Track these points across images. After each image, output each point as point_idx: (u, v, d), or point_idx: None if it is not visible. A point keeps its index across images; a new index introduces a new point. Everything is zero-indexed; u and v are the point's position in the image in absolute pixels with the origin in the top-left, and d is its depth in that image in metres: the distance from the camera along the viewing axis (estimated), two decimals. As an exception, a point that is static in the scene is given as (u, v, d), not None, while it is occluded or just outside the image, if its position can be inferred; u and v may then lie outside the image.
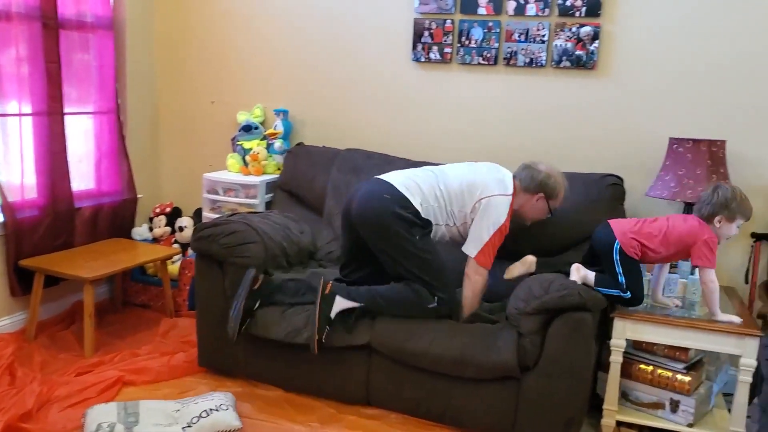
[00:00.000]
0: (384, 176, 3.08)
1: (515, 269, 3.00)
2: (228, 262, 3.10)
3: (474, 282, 2.96)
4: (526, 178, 3.03)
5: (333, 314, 2.88)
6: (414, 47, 3.75)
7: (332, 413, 2.98)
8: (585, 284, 2.74)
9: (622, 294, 2.75)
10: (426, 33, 3.71)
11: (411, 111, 3.82)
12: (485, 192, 2.97)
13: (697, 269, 2.79)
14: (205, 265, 3.18)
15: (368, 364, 2.96)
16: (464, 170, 3.09)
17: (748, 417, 2.72)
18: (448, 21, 3.66)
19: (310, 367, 3.03)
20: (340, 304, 2.89)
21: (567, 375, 2.68)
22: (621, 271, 2.75)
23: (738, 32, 3.19)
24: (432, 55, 3.72)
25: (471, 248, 2.97)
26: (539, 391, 2.71)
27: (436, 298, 2.88)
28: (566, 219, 3.16)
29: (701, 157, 3.02)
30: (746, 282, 3.21)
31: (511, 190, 2.99)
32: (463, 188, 3.00)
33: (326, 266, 3.47)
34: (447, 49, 3.69)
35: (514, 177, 3.05)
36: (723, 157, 3.06)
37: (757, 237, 3.19)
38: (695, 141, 3.04)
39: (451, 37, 3.67)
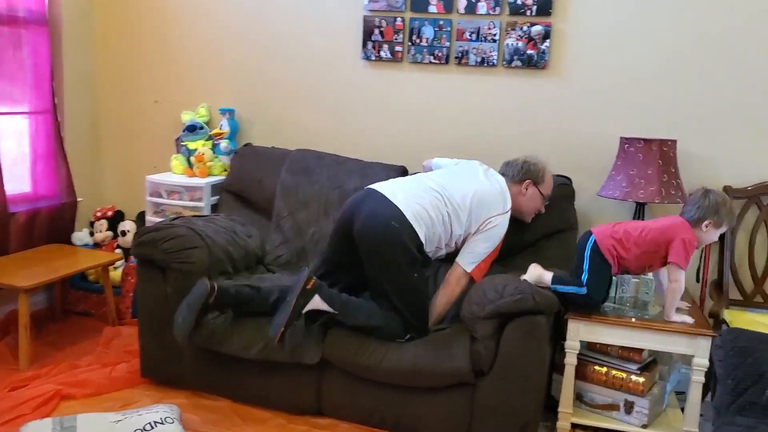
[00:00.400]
0: (389, 193, 2.90)
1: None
2: (170, 268, 2.96)
3: (452, 292, 2.91)
4: (509, 172, 3.04)
5: (305, 310, 2.75)
6: (364, 45, 3.67)
7: (282, 423, 2.88)
8: (540, 285, 2.70)
9: (578, 291, 2.70)
10: (376, 31, 3.63)
11: (362, 110, 3.74)
12: (492, 212, 2.92)
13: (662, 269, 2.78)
14: (146, 271, 3.04)
15: (320, 374, 2.86)
16: (466, 183, 2.98)
17: (701, 416, 2.72)
18: (399, 19, 3.59)
19: (259, 377, 2.92)
20: (316, 303, 2.76)
21: (522, 378, 2.64)
22: (588, 267, 2.70)
23: (686, 32, 3.20)
24: (383, 54, 3.64)
25: (467, 262, 2.91)
26: (494, 396, 2.66)
27: (408, 335, 2.80)
28: (517, 222, 3.11)
29: (652, 157, 3.01)
30: (697, 281, 3.22)
31: (507, 203, 2.96)
32: (472, 209, 2.91)
33: (275, 271, 3.37)
34: (398, 48, 3.62)
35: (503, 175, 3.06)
36: (674, 156, 3.06)
37: (707, 236, 3.20)
38: (646, 141, 3.04)
39: (401, 36, 3.60)
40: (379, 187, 2.96)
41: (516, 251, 3.14)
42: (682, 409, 2.99)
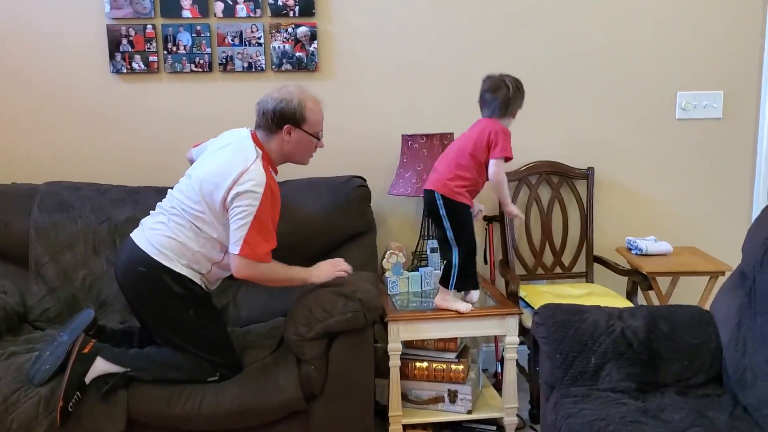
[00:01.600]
0: (137, 234, 2.55)
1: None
2: None
3: (251, 277, 2.49)
4: (261, 120, 2.56)
5: (88, 379, 2.37)
6: (112, 57, 3.26)
7: (91, 505, 2.46)
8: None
9: (456, 259, 2.68)
10: (124, 41, 3.25)
11: (119, 129, 3.33)
12: (227, 183, 2.40)
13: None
14: None
15: (127, 437, 2.49)
16: (199, 172, 2.52)
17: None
18: (149, 26, 3.25)
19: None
20: (101, 367, 2.39)
21: (353, 393, 2.56)
22: (449, 225, 2.67)
23: (449, 27, 3.34)
24: (135, 65, 3.27)
25: (232, 244, 2.42)
26: (329, 416, 2.54)
27: (218, 374, 2.51)
28: (318, 225, 3.02)
29: (435, 151, 3.09)
30: (485, 263, 3.41)
31: (254, 153, 2.48)
32: (205, 200, 2.45)
33: (44, 328, 2.87)
34: (152, 58, 3.27)
35: (254, 130, 2.59)
36: (454, 148, 3.18)
37: (489, 220, 3.40)
38: (427, 136, 3.11)
39: (155, 44, 3.27)
40: (136, 230, 2.61)
41: (319, 256, 3.02)
42: (494, 386, 3.16)
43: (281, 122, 2.52)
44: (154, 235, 2.51)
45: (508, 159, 2.67)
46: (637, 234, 3.37)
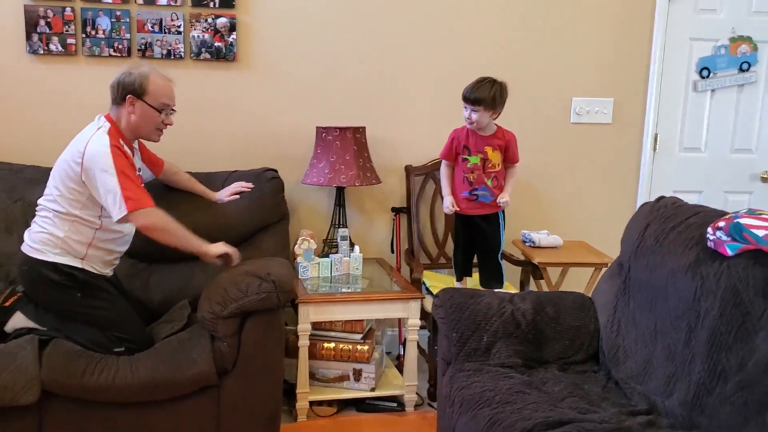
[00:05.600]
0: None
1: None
2: None
3: (160, 226, 2.57)
4: (111, 95, 2.65)
5: (9, 329, 2.60)
6: (29, 38, 3.25)
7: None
8: None
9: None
10: (42, 22, 3.24)
11: (35, 109, 3.32)
12: (74, 161, 2.52)
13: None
14: None
15: (39, 411, 2.51)
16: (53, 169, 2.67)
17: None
18: (68, 9, 3.26)
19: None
20: (20, 320, 2.57)
21: (264, 370, 2.68)
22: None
23: (365, 24, 3.50)
24: (53, 47, 3.27)
25: (116, 210, 2.49)
26: (239, 392, 2.65)
27: (123, 346, 2.61)
28: (234, 217, 3.11)
29: (348, 143, 3.25)
30: (392, 251, 3.60)
31: (95, 127, 2.60)
32: (61, 185, 2.58)
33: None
34: (71, 40, 3.28)
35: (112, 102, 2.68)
36: (365, 142, 3.35)
37: (396, 211, 3.59)
38: (341, 129, 3.27)
39: (73, 27, 3.28)
40: None
41: (235, 245, 3.13)
42: (397, 367, 3.36)
43: (124, 93, 2.62)
44: (28, 235, 2.67)
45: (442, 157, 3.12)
46: (532, 228, 3.63)
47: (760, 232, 2.06)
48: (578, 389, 2.31)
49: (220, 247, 2.70)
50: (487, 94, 2.91)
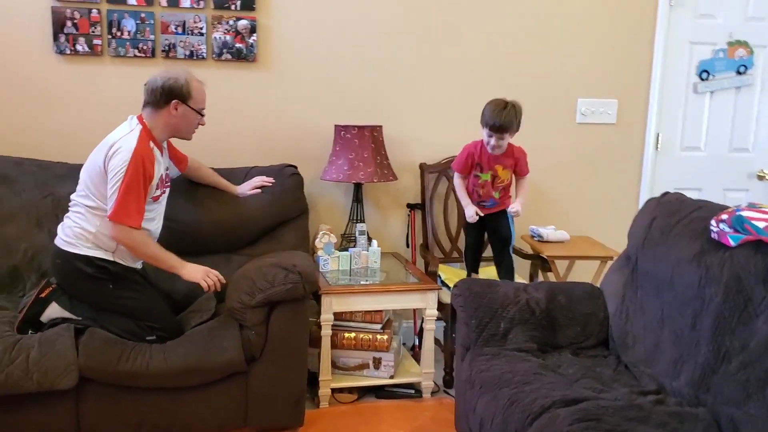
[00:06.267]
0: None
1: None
2: None
3: (132, 243, 2.69)
4: (149, 97, 2.79)
5: (45, 319, 2.72)
6: (56, 38, 3.37)
7: (40, 458, 2.62)
8: None
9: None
10: (69, 23, 3.37)
11: (62, 107, 3.44)
12: (100, 156, 2.69)
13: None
14: None
15: (77, 395, 2.64)
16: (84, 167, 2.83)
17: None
18: (95, 10, 3.38)
19: (2, 414, 2.59)
20: (55, 311, 2.72)
21: (290, 358, 2.81)
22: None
23: (381, 26, 3.64)
24: (79, 47, 3.40)
25: (108, 210, 2.66)
26: (267, 379, 2.79)
27: (155, 335, 2.74)
28: (256, 212, 3.25)
29: (366, 141, 3.39)
30: (407, 246, 3.74)
31: (128, 128, 2.74)
32: (90, 182, 2.72)
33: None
34: (96, 41, 3.41)
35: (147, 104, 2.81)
36: (382, 140, 3.49)
37: (411, 207, 3.73)
38: (359, 127, 3.40)
39: (99, 28, 3.41)
40: None
41: (256, 239, 3.28)
42: (413, 356, 3.50)
43: (169, 97, 2.77)
44: (62, 229, 2.81)
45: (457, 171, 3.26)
46: (540, 223, 3.78)
47: (761, 224, 2.22)
48: (591, 371, 2.45)
49: (196, 272, 2.76)
50: (513, 121, 3.02)
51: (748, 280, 2.19)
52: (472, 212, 3.15)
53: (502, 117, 3.00)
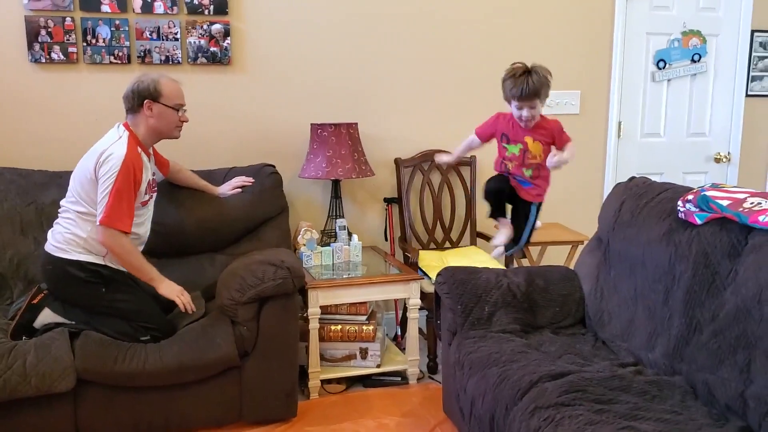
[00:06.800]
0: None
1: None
2: None
3: (112, 251, 2.76)
4: (126, 104, 2.87)
5: (38, 324, 2.78)
6: (30, 47, 3.39)
7: (39, 462, 2.66)
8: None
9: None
10: (43, 31, 3.39)
11: (39, 116, 3.46)
12: (91, 164, 2.74)
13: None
14: None
15: (74, 397, 2.69)
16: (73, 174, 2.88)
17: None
18: (68, 19, 3.41)
19: (1, 419, 2.63)
20: (48, 316, 2.77)
21: (281, 351, 2.90)
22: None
23: (353, 27, 3.74)
24: (54, 56, 3.42)
25: (98, 215, 2.72)
26: (260, 372, 2.88)
27: (149, 335, 2.80)
28: (237, 211, 3.32)
29: (343, 139, 3.48)
30: (386, 239, 3.85)
31: (116, 135, 2.81)
32: (81, 189, 2.78)
33: None
34: (72, 49, 3.43)
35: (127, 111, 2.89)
36: (358, 137, 3.58)
37: (388, 201, 3.84)
38: (335, 125, 3.49)
39: (74, 36, 3.43)
40: None
41: (238, 238, 3.36)
42: (396, 344, 3.61)
43: (141, 99, 2.83)
44: (52, 236, 2.86)
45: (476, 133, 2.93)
46: (513, 212, 3.92)
47: (724, 202, 2.38)
48: (571, 348, 2.59)
49: (171, 290, 2.84)
50: (543, 82, 2.68)
51: (714, 256, 2.35)
52: (445, 158, 3.05)
53: (529, 81, 2.66)
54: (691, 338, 2.34)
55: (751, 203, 2.31)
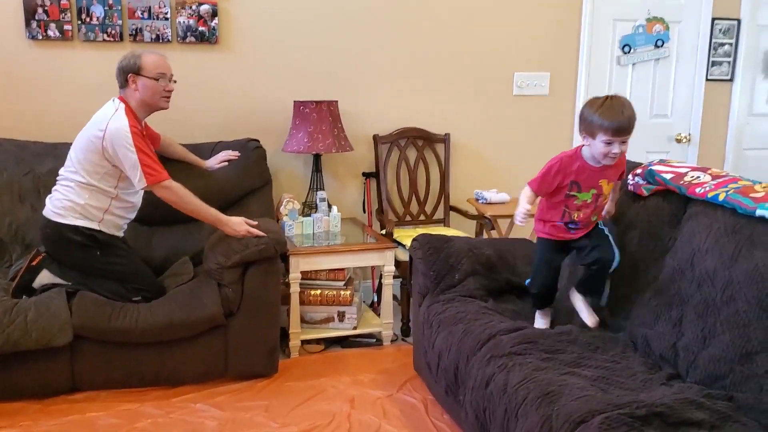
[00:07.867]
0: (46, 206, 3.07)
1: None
2: None
3: (175, 196, 2.99)
4: (118, 83, 3.06)
5: (36, 285, 2.99)
6: (28, 24, 3.56)
7: (39, 408, 2.88)
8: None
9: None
10: (40, 10, 3.56)
11: (35, 90, 3.64)
12: (96, 138, 2.92)
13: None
14: None
15: (71, 351, 2.92)
16: (73, 144, 3.06)
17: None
18: (63, -2, 3.59)
19: (4, 370, 2.85)
20: (46, 277, 2.98)
21: (264, 312, 3.12)
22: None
23: (339, 10, 3.93)
24: (50, 33, 3.59)
25: (139, 180, 2.93)
26: (244, 331, 3.10)
27: (140, 295, 3.02)
28: (226, 183, 3.54)
29: (324, 115, 3.69)
30: (364, 211, 4.07)
31: (113, 107, 2.99)
32: (83, 158, 2.96)
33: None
34: (67, 27, 3.61)
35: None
36: (338, 114, 3.79)
37: (366, 175, 4.06)
38: (317, 102, 3.69)
39: (69, 14, 3.60)
40: None
41: (225, 209, 3.53)
42: (372, 309, 3.85)
43: (125, 74, 3.03)
44: (50, 202, 3.06)
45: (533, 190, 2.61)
46: (483, 187, 4.15)
47: (668, 176, 2.63)
48: (530, 311, 2.84)
49: (239, 225, 3.05)
50: (634, 114, 2.41)
51: (657, 224, 2.60)
52: (522, 212, 2.50)
53: (624, 113, 2.36)
54: (635, 299, 2.59)
55: (691, 177, 2.56)
